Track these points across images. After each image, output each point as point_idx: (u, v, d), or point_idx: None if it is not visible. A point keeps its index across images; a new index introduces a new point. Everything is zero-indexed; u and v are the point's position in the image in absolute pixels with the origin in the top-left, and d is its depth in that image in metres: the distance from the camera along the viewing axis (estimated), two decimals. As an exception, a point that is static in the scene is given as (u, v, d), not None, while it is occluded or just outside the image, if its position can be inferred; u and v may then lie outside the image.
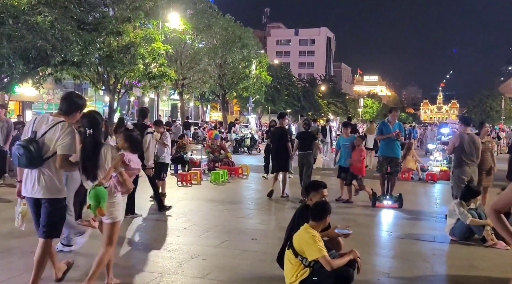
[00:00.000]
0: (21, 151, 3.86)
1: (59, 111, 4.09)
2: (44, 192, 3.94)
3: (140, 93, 28.26)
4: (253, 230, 7.02)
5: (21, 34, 13.34)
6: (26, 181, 4.01)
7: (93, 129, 4.03)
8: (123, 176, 4.06)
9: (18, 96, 35.19)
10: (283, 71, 58.93)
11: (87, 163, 4.03)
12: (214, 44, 28.89)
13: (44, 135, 3.93)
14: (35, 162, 3.88)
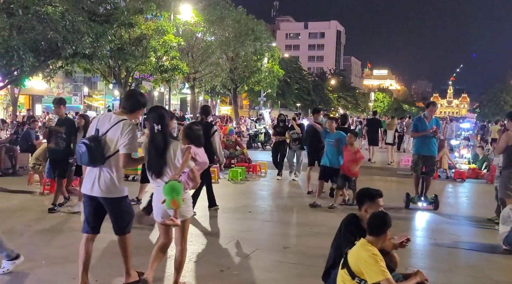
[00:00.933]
0: (83, 148, 3.85)
1: (122, 109, 4.09)
2: (103, 191, 3.93)
3: (151, 87, 27.81)
4: (283, 237, 6.46)
5: (31, 25, 12.91)
6: (87, 178, 4.01)
7: (161, 125, 3.93)
8: (194, 172, 4.01)
9: (28, 90, 35.02)
10: (293, 65, 58.23)
11: (155, 159, 3.95)
12: (227, 37, 28.27)
13: (106, 134, 3.92)
14: (97, 160, 3.87)
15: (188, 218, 4.09)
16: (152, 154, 3.96)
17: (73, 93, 44.74)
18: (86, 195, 4.04)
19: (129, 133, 3.88)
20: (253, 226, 6.97)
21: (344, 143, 8.30)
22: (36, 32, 12.91)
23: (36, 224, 6.63)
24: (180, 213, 3.93)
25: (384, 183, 11.99)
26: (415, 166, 8.22)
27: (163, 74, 21.46)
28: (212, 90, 38.70)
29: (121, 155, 3.88)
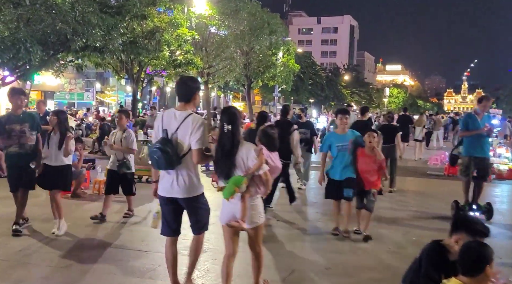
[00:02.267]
0: (158, 153, 3.73)
1: (181, 101, 3.92)
2: (184, 191, 3.84)
3: (165, 82, 27.12)
4: (324, 254, 5.59)
5: (39, 17, 12.16)
6: (164, 179, 3.89)
7: (232, 125, 3.77)
8: (267, 176, 3.80)
9: (40, 86, 34.73)
10: (307, 60, 57.30)
11: (222, 160, 3.79)
12: (241, 30, 27.35)
13: (177, 133, 3.80)
14: (174, 162, 3.77)
15: (260, 224, 3.91)
16: (219, 154, 3.80)
17: (85, 89, 44.38)
18: (164, 198, 3.94)
19: (200, 128, 3.78)
20: (287, 241, 6.13)
21: (361, 144, 6.06)
22: (45, 24, 12.17)
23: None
24: (251, 219, 3.79)
25: (418, 185, 11.10)
26: (466, 169, 7.24)
27: (177, 69, 20.77)
28: (225, 86, 37.91)
29: (194, 150, 3.78)
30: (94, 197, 8.34)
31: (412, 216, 7.65)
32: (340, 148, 6.07)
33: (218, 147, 3.82)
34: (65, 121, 6.14)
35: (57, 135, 6.04)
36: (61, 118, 6.13)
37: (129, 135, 6.88)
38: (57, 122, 6.07)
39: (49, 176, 5.98)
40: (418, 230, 6.72)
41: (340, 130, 6.30)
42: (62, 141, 5.98)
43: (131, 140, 6.87)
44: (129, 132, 6.94)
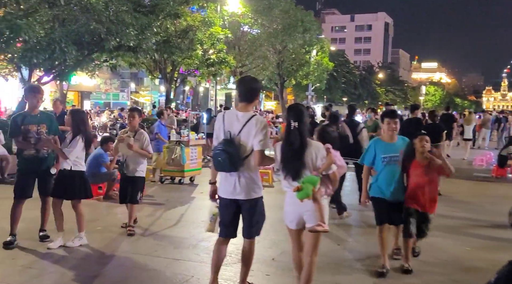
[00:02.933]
0: (223, 155, 3.68)
1: (243, 102, 3.83)
2: (245, 193, 3.79)
3: (197, 82, 27.07)
4: (371, 264, 5.16)
5: (74, 17, 12.16)
6: (226, 181, 3.82)
7: (299, 122, 3.65)
8: (335, 176, 3.72)
9: (76, 86, 35.34)
10: (340, 58, 56.38)
11: (290, 159, 3.67)
12: (275, 29, 27.03)
13: (240, 134, 3.73)
14: (237, 164, 3.70)
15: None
16: (287, 153, 3.68)
17: (120, 89, 45.00)
18: (224, 199, 3.89)
19: (264, 129, 3.70)
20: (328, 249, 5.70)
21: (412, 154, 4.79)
22: (79, 24, 12.17)
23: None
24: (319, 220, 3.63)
25: (465, 188, 10.43)
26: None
27: (209, 68, 20.66)
28: (258, 85, 37.66)
29: (256, 152, 3.71)
30: (126, 199, 8.13)
31: (462, 223, 7.08)
32: (388, 160, 4.76)
33: (286, 145, 3.71)
34: (80, 122, 5.45)
35: (69, 137, 5.46)
36: (75, 118, 5.48)
37: (143, 137, 6.05)
38: (71, 123, 5.47)
39: (63, 182, 5.39)
40: (472, 239, 6.17)
41: (387, 137, 4.90)
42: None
43: (147, 142, 6.07)
44: (142, 134, 6.09)
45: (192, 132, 10.92)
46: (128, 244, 5.56)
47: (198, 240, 5.71)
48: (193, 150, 10.27)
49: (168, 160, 9.84)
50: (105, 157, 8.16)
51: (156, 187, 9.57)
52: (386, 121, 4.90)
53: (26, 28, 10.48)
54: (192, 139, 10.41)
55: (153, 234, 6.00)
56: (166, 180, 10.12)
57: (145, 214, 7.08)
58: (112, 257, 5.07)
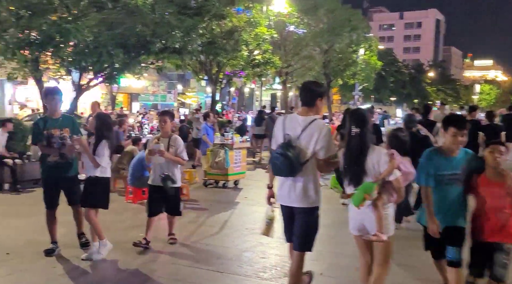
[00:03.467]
0: (280, 159, 3.58)
1: (304, 106, 3.75)
2: (300, 201, 3.66)
3: (242, 83, 26.98)
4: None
5: (120, 20, 12.28)
6: (282, 187, 3.72)
7: (361, 128, 3.56)
8: (399, 183, 3.55)
9: (126, 88, 36.22)
10: (388, 57, 54.87)
11: (351, 166, 3.61)
12: (321, 28, 26.46)
13: (299, 139, 3.62)
14: (295, 169, 3.58)
15: (392, 236, 3.60)
16: (348, 159, 3.63)
17: (167, 90, 45.82)
18: (282, 206, 3.80)
19: (326, 135, 3.62)
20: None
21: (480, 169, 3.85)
22: (125, 27, 12.28)
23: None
24: (385, 229, 3.50)
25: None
26: None
27: (255, 68, 20.46)
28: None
29: (317, 158, 3.64)
30: (170, 203, 8.02)
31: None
32: (449, 179, 3.78)
33: (347, 152, 3.64)
34: (104, 126, 5.11)
35: (92, 141, 5.16)
36: (100, 122, 5.15)
37: (178, 143, 5.57)
38: (95, 127, 5.16)
39: (86, 188, 5.14)
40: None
41: (449, 149, 3.83)
42: (95, 148, 5.03)
43: (182, 148, 5.59)
44: (176, 139, 5.61)
45: (236, 135, 10.72)
46: (169, 253, 5.38)
47: (242, 250, 5.46)
48: (237, 153, 10.06)
49: (212, 163, 9.69)
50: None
51: (200, 191, 9.43)
52: (451, 131, 3.77)
53: (75, 32, 10.65)
54: (237, 142, 10.20)
55: (195, 242, 5.80)
56: (210, 183, 9.96)
57: (187, 220, 6.91)
58: (152, 268, 4.90)
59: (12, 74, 12.40)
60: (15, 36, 10.49)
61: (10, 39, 10.45)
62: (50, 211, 5.21)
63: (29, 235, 5.52)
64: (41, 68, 12.29)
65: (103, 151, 5.01)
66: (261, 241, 5.88)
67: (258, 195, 9.00)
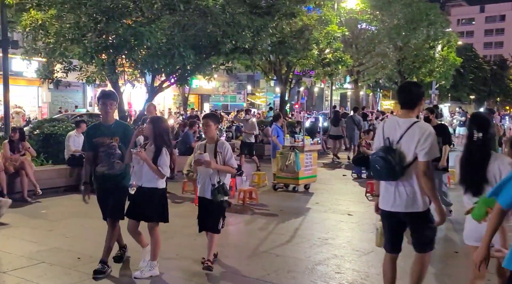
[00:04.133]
0: (380, 163, 3.53)
1: (404, 108, 3.65)
2: (405, 205, 3.55)
3: (312, 82, 26.49)
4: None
5: (192, 21, 12.38)
6: (386, 192, 3.64)
7: (484, 133, 3.38)
8: None
9: (197, 89, 37.10)
10: (468, 53, 51.67)
11: (470, 174, 3.41)
12: (396, 24, 25.28)
13: (400, 142, 3.55)
14: (396, 173, 3.50)
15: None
16: (467, 167, 3.44)
17: (237, 91, 46.34)
18: (385, 211, 3.69)
19: (429, 138, 3.48)
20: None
21: None
22: (197, 28, 12.37)
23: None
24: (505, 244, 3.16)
25: None
26: None
27: (325, 68, 19.94)
28: (375, 84, 35.99)
29: (421, 162, 3.48)
30: (238, 208, 7.83)
31: None
32: None
33: (465, 157, 3.46)
34: (164, 132, 4.63)
35: (151, 149, 4.57)
36: (158, 128, 4.58)
37: (226, 149, 4.81)
38: (153, 132, 4.58)
39: (139, 200, 4.55)
40: None
41: None
42: (156, 157, 4.49)
43: (230, 155, 4.84)
44: (224, 144, 4.84)
45: (307, 137, 10.34)
46: (238, 262, 5.14)
47: (315, 263, 5.09)
48: (308, 156, 9.68)
49: (281, 166, 9.39)
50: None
51: (269, 195, 9.17)
52: None
53: (148, 35, 10.83)
54: (307, 145, 9.82)
55: (265, 252, 5.51)
56: (279, 187, 9.67)
57: (257, 227, 6.67)
58: (219, 279, 4.68)
59: (90, 77, 12.96)
60: (92, 41, 10.87)
61: (88, 44, 10.85)
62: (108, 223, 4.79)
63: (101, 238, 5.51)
64: (117, 71, 12.72)
65: (165, 159, 4.55)
66: (335, 252, 5.51)
67: (330, 201, 8.59)
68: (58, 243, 5.68)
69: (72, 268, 4.81)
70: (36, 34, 11.71)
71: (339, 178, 11.42)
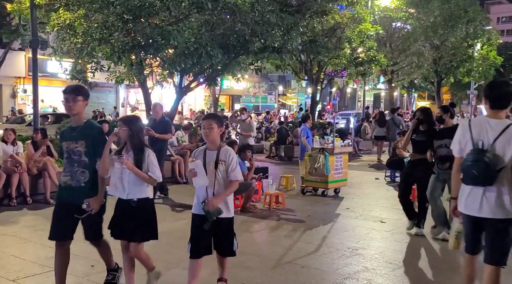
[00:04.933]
0: (481, 167, 3.33)
1: (495, 108, 3.48)
2: (494, 212, 3.39)
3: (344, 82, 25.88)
4: None
5: (221, 20, 12.13)
6: (470, 196, 3.46)
7: None
8: None
9: (228, 90, 37.12)
10: (508, 51, 49.57)
11: None
12: (433, 22, 24.37)
13: (495, 144, 3.38)
14: (493, 177, 3.34)
15: None
16: None
17: (267, 92, 46.08)
18: (469, 216, 3.52)
19: None
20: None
21: None
22: (225, 27, 12.11)
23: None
24: None
25: None
26: None
27: (358, 67, 19.38)
28: (410, 84, 35.00)
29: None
30: (264, 213, 7.47)
31: None
32: None
33: None
34: (140, 132, 4.00)
35: (129, 154, 3.88)
36: (135, 128, 3.92)
37: (231, 158, 3.87)
38: (129, 135, 3.89)
39: (121, 216, 3.92)
40: None
41: None
42: (140, 162, 3.85)
43: (235, 165, 3.88)
44: (228, 152, 3.88)
45: (337, 139, 9.88)
46: (260, 274, 4.78)
47: (343, 277, 4.67)
48: (339, 159, 9.23)
49: (310, 169, 8.98)
50: (242, 166, 7.59)
51: (297, 199, 8.78)
52: None
53: (175, 34, 10.64)
54: (337, 147, 9.37)
55: (290, 262, 5.11)
56: (308, 191, 9.26)
57: (283, 234, 6.29)
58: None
59: (119, 78, 12.91)
60: (119, 40, 10.76)
61: (115, 43, 10.75)
62: (57, 246, 4.02)
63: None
64: (146, 72, 12.61)
65: (153, 160, 3.91)
66: (366, 265, 5.07)
67: (361, 206, 8.12)
68: (75, 249, 5.38)
69: (84, 277, 4.58)
70: (64, 34, 11.72)
71: (371, 182, 10.89)
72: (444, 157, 5.70)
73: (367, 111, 25.30)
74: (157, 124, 8.23)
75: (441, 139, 5.89)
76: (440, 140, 5.90)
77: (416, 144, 6.24)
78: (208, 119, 3.92)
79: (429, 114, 6.25)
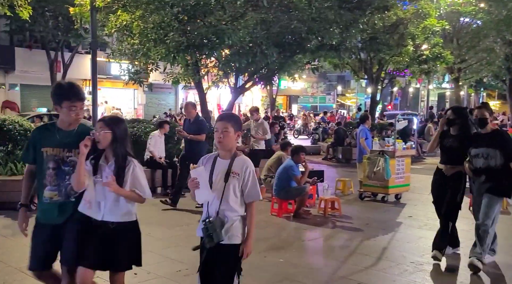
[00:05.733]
0: None
1: None
2: None
3: (406, 81, 24.73)
4: None
5: (276, 18, 11.83)
6: None
7: None
8: None
9: (285, 90, 36.79)
10: None
11: None
12: (506, 15, 22.68)
13: None
14: None
15: None
16: None
17: (326, 92, 45.26)
18: None
19: None
20: None
21: None
22: (280, 24, 11.80)
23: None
24: None
25: None
26: None
27: (422, 65, 18.42)
28: (478, 82, 32.95)
29: None
30: (318, 220, 7.05)
31: None
32: None
33: None
34: (126, 137, 3.19)
35: (109, 166, 3.11)
36: (119, 132, 3.12)
37: (248, 172, 3.02)
38: (112, 140, 3.08)
39: (98, 242, 3.09)
40: None
41: None
42: (120, 176, 3.06)
43: (254, 182, 3.03)
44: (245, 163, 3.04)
45: (399, 141, 9.25)
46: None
47: (405, 297, 4.20)
48: (400, 162, 8.63)
49: (369, 173, 8.43)
50: (295, 169, 7.22)
51: (355, 205, 8.27)
52: None
53: (230, 33, 10.48)
54: (399, 149, 8.76)
55: (344, 277, 4.69)
56: (367, 196, 8.72)
57: (339, 243, 5.86)
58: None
59: (175, 78, 12.95)
60: (174, 40, 10.74)
61: (170, 43, 10.75)
62: (36, 276, 3.25)
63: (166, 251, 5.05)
64: (201, 73, 12.56)
65: (139, 174, 3.15)
66: (432, 283, 4.53)
67: (425, 214, 7.47)
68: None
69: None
70: (122, 36, 11.90)
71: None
72: (480, 169, 4.79)
73: (431, 112, 24.04)
74: (190, 125, 7.84)
75: (477, 147, 4.86)
76: (477, 149, 4.86)
77: (446, 151, 5.18)
78: (222, 121, 3.01)
79: (463, 115, 5.21)
